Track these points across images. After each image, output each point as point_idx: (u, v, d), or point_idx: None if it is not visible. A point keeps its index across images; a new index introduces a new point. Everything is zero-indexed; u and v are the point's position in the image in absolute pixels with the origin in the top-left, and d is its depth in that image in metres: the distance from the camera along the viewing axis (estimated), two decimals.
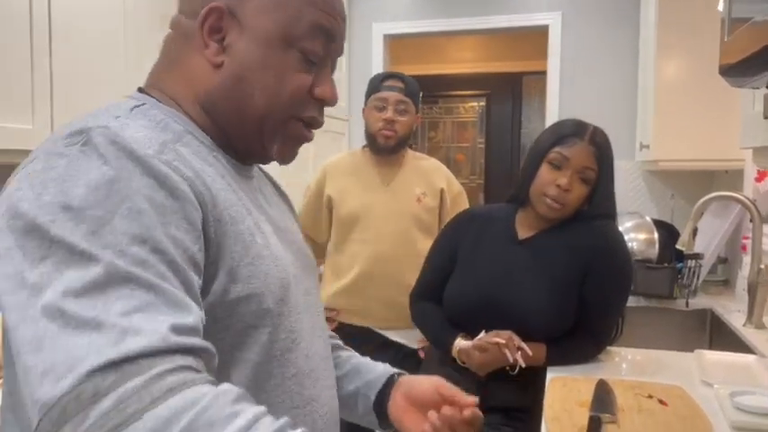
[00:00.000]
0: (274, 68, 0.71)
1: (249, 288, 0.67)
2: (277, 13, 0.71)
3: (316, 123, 0.77)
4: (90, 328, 0.49)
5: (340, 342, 1.01)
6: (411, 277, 1.78)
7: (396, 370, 0.95)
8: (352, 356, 0.98)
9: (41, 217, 0.54)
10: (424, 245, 1.86)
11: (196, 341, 0.54)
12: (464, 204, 2.16)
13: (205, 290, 0.63)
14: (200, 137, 0.72)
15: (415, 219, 2.09)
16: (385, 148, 2.08)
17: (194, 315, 0.55)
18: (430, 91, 5.43)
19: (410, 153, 2.19)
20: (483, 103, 5.95)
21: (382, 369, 0.95)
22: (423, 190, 2.12)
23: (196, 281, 0.60)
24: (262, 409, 0.53)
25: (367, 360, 0.98)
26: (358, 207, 2.09)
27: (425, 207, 2.11)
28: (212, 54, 0.71)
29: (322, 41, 0.73)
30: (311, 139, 0.80)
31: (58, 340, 0.49)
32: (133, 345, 0.49)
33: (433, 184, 2.14)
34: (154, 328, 0.51)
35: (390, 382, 0.91)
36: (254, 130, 0.73)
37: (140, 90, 0.75)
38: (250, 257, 0.67)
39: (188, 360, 0.52)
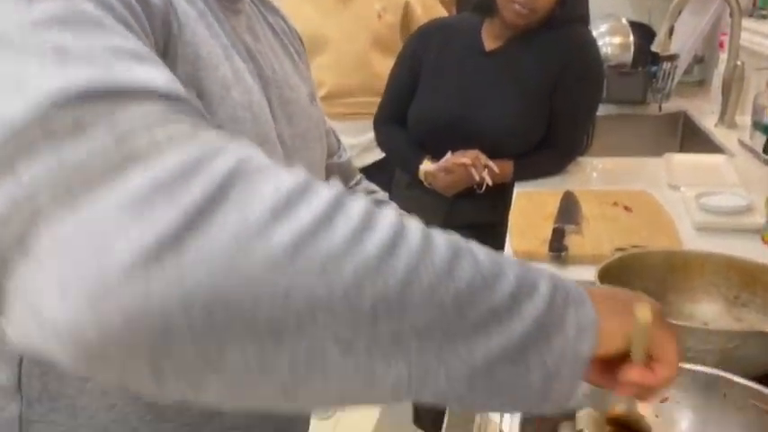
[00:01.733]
0: None
1: None
2: None
3: None
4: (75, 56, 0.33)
5: None
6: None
7: None
8: None
9: None
10: (387, 67, 1.75)
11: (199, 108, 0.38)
12: (440, 14, 2.00)
13: None
14: None
15: (376, 39, 1.94)
16: None
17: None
18: None
19: None
20: None
21: None
22: (382, 5, 1.95)
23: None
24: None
25: None
26: (311, 30, 1.92)
27: (386, 24, 1.95)
28: None
29: None
30: None
31: (24, 63, 0.33)
32: (129, 75, 0.34)
33: None
34: (147, 71, 0.35)
35: None
36: None
37: None
38: (218, 119, 0.53)
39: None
